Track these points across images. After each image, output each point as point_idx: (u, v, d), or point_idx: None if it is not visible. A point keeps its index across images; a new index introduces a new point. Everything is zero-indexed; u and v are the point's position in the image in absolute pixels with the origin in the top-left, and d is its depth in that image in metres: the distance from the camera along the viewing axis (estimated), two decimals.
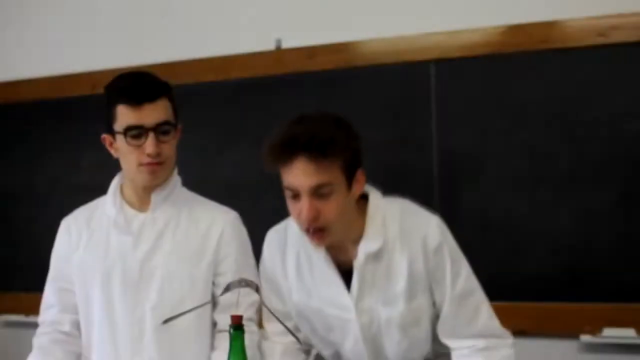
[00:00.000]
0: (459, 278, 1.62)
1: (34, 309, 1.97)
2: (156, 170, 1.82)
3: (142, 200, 1.90)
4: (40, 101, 3.21)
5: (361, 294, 1.61)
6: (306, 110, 2.70)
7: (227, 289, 1.43)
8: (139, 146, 1.78)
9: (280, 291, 1.74)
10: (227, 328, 1.70)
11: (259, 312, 1.87)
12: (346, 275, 1.63)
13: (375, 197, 1.64)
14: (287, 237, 1.72)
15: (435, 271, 1.61)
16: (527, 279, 2.52)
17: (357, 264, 1.60)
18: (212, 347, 1.86)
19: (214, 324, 1.88)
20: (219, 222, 1.89)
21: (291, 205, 1.55)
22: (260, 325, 1.86)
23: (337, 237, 1.57)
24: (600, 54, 2.48)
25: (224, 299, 1.79)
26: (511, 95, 2.57)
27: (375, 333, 1.65)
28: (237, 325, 1.34)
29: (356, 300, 1.62)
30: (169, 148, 1.83)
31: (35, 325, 1.94)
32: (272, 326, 1.78)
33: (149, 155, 1.78)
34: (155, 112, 1.77)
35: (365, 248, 1.60)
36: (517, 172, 2.54)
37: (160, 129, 1.78)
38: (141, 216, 1.89)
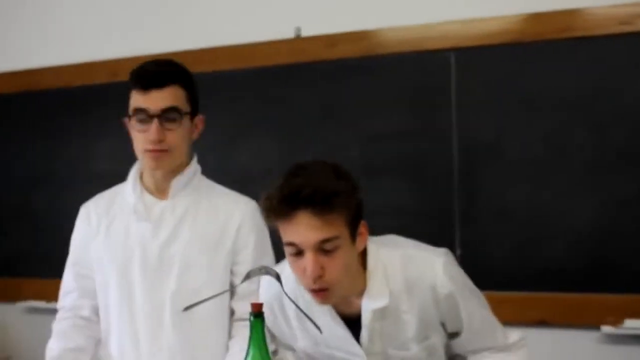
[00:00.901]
0: (475, 316, 1.59)
1: (56, 295, 1.98)
2: (159, 158, 1.80)
3: (161, 187, 1.90)
4: (60, 89, 3.21)
5: (371, 343, 1.58)
6: (325, 98, 2.75)
7: (248, 276, 1.42)
8: (145, 131, 1.78)
9: (284, 336, 1.70)
10: (245, 316, 1.79)
11: None
12: (352, 322, 1.58)
13: (373, 248, 1.56)
14: (281, 287, 1.61)
15: (449, 313, 1.57)
16: (548, 269, 2.51)
17: (365, 321, 1.55)
18: (230, 335, 1.87)
19: (232, 313, 1.89)
20: (238, 212, 1.89)
21: (293, 262, 1.46)
22: None
23: (342, 295, 1.51)
24: (624, 42, 2.43)
25: (242, 288, 1.80)
26: (532, 84, 2.54)
27: None
28: (258, 312, 1.32)
29: (367, 348, 1.58)
30: (175, 136, 1.80)
31: (56, 311, 1.96)
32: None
33: (151, 141, 1.77)
34: (161, 98, 1.76)
35: (370, 305, 1.54)
36: (538, 162, 2.53)
37: (165, 116, 1.77)
38: (161, 203, 1.89)
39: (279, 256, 1.79)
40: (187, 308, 1.54)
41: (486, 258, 2.57)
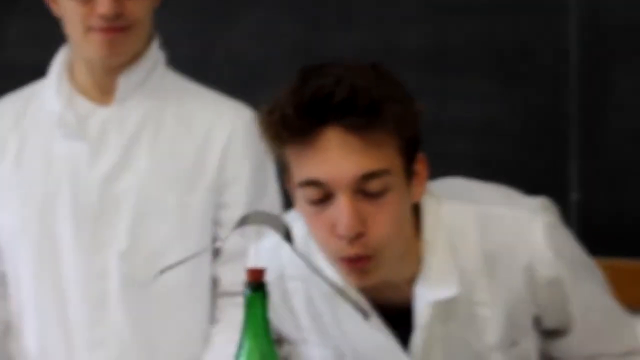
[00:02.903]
0: (592, 307, 1.60)
1: None
2: (115, 40, 1.84)
3: (102, 87, 1.92)
4: None
5: (429, 354, 1.58)
6: None
7: (242, 224, 1.40)
8: (88, 1, 1.80)
9: (290, 338, 1.72)
10: (235, 289, 1.74)
11: None
12: (397, 321, 1.57)
13: (433, 203, 1.55)
14: (283, 264, 1.62)
15: (551, 304, 1.58)
16: None
17: (420, 319, 1.54)
18: (213, 319, 1.91)
19: (215, 282, 1.92)
20: (225, 125, 1.93)
21: (314, 216, 1.46)
22: None
23: (390, 269, 1.50)
24: None
25: (232, 245, 1.77)
26: None
27: None
28: (257, 283, 1.31)
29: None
30: (138, 6, 1.85)
31: None
32: None
33: (102, 16, 1.80)
34: None
35: (429, 295, 1.53)
36: None
37: None
38: (102, 112, 1.91)
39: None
40: (163, 271, 1.51)
41: (618, 207, 2.57)
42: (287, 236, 1.41)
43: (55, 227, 1.87)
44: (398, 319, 1.55)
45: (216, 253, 1.88)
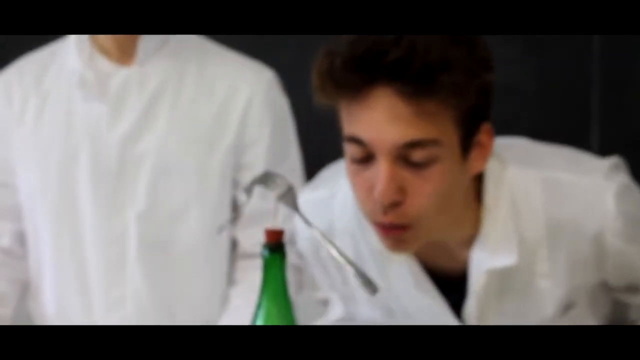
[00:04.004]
0: None
1: None
2: None
3: (123, 47, 1.91)
4: None
5: (482, 322, 1.55)
6: None
7: (255, 183, 1.39)
8: None
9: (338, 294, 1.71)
10: (254, 251, 1.77)
11: None
12: (450, 286, 1.55)
13: (496, 166, 1.50)
14: (333, 218, 1.59)
15: (618, 271, 1.55)
16: None
17: (474, 286, 1.51)
18: (231, 281, 1.93)
19: (233, 243, 1.94)
20: (246, 87, 1.92)
21: (355, 173, 1.41)
22: None
23: (431, 238, 1.47)
24: None
25: (251, 206, 1.72)
26: None
27: None
28: (275, 244, 1.30)
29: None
30: None
31: None
32: None
33: None
34: None
35: (486, 261, 1.49)
36: None
37: None
38: (122, 72, 1.91)
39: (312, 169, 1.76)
40: (219, 230, 1.61)
41: None
42: (291, 201, 1.40)
43: (74, 188, 1.88)
44: (452, 287, 1.53)
45: (235, 215, 1.90)
